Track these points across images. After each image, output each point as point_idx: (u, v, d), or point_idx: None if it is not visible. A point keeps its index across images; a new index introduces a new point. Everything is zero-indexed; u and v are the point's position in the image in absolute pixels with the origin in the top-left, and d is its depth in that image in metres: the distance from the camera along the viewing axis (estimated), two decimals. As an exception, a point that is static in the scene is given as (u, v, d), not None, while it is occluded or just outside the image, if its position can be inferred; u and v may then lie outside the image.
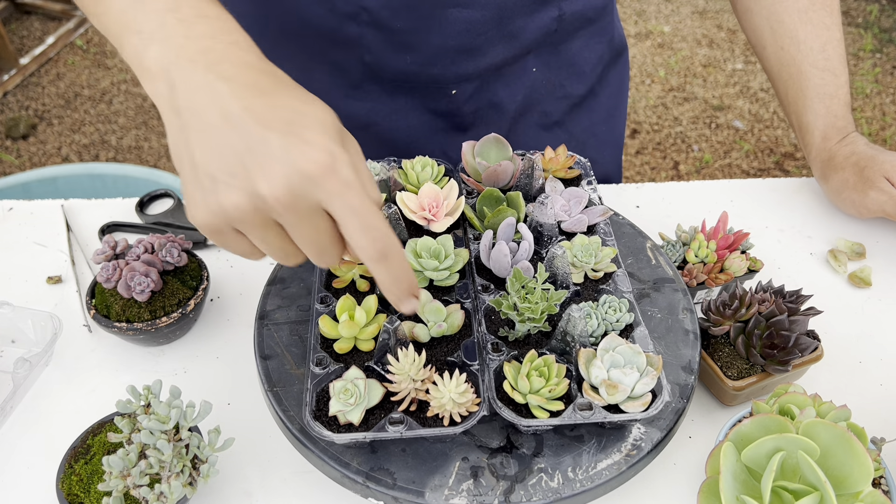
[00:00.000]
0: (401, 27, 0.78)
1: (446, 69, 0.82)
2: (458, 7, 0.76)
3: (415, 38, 0.79)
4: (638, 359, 0.55)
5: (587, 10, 0.86)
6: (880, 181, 0.80)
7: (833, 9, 0.86)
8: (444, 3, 0.76)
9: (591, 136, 0.99)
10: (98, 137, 2.59)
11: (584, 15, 0.86)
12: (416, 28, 0.78)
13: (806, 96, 0.86)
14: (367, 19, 0.77)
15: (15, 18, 3.14)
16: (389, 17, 0.77)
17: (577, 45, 0.89)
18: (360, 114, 0.87)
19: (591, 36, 0.90)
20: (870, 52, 3.02)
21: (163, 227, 0.84)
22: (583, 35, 0.89)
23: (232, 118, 0.42)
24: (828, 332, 0.72)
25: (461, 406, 0.52)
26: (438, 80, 0.83)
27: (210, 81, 0.42)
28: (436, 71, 0.82)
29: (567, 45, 0.88)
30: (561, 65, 0.90)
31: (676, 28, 3.19)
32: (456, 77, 0.84)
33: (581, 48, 0.90)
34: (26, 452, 0.62)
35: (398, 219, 0.66)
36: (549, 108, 0.93)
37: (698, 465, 0.62)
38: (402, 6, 0.76)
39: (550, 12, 0.83)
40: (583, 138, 0.98)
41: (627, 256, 0.72)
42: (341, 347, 0.58)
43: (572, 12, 0.85)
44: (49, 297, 0.76)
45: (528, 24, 0.82)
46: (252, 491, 0.60)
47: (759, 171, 2.49)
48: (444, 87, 0.85)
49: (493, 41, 0.81)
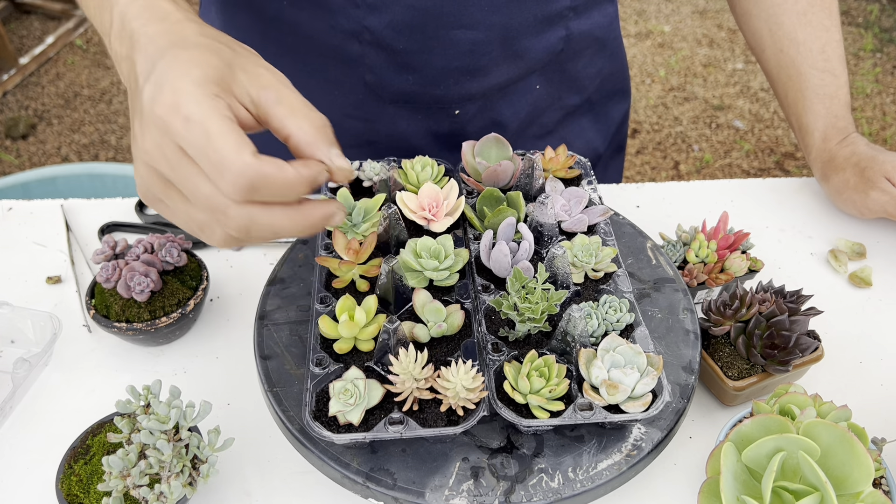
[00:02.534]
0: (403, 48, 0.76)
1: (449, 90, 0.81)
2: (463, 28, 0.75)
3: (417, 59, 0.78)
4: (638, 359, 0.55)
5: (595, 29, 0.85)
6: (881, 181, 0.80)
7: (832, 10, 0.86)
8: (449, 25, 0.74)
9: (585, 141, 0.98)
10: (98, 137, 2.59)
11: (592, 34, 0.85)
12: (420, 49, 0.77)
13: (806, 97, 0.86)
14: (369, 39, 0.76)
15: (15, 18, 3.14)
16: (392, 38, 0.76)
17: (581, 63, 0.88)
18: (360, 131, 0.86)
19: (596, 53, 0.89)
20: (870, 51, 3.02)
21: (162, 227, 0.84)
22: (588, 53, 0.88)
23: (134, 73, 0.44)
24: (828, 332, 0.72)
25: (472, 393, 0.52)
26: (441, 101, 0.82)
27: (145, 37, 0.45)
28: (439, 92, 0.81)
29: (572, 63, 0.87)
30: (563, 80, 0.89)
31: (677, 28, 3.19)
32: (459, 98, 0.82)
33: (585, 65, 0.89)
34: (26, 453, 0.62)
35: (398, 219, 0.66)
36: (547, 120, 0.93)
37: (699, 466, 0.62)
38: (405, 27, 0.74)
39: (557, 32, 0.81)
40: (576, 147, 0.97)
41: (628, 256, 0.72)
42: (341, 347, 0.58)
43: (580, 31, 0.83)
44: (49, 297, 0.76)
45: (535, 44, 0.81)
46: (252, 491, 0.59)
47: (760, 171, 2.49)
48: (447, 108, 0.84)
49: (498, 62, 0.80)
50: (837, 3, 0.87)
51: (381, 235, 0.66)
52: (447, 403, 0.53)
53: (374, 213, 0.67)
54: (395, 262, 0.60)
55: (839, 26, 0.86)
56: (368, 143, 0.87)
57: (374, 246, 0.64)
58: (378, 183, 0.72)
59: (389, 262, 0.59)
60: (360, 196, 0.72)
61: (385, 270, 0.59)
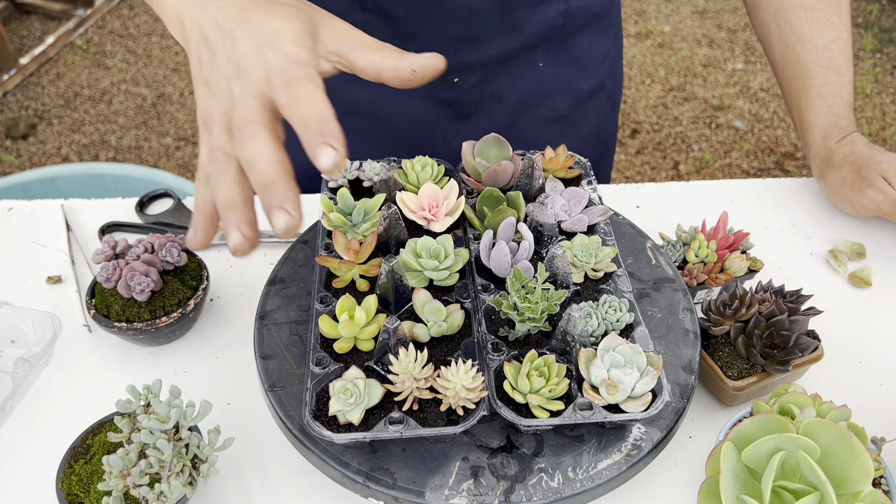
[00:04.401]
0: (404, 16, 0.79)
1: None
2: None
3: (417, 27, 0.80)
4: (638, 358, 0.55)
5: (593, 4, 0.86)
6: (877, 180, 0.80)
7: (841, 8, 0.85)
8: None
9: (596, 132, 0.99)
10: (98, 137, 2.59)
11: (591, 9, 0.86)
12: (418, 16, 0.79)
13: (808, 95, 0.86)
14: (371, 6, 0.79)
15: (15, 18, 3.14)
16: (393, 5, 0.78)
17: (585, 42, 0.89)
18: (361, 99, 0.88)
19: (599, 31, 0.90)
20: (870, 52, 3.02)
21: (163, 226, 0.84)
22: (590, 31, 0.89)
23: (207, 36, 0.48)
24: (828, 332, 0.72)
25: (472, 392, 0.52)
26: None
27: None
28: None
29: (575, 40, 0.88)
30: (569, 60, 0.90)
31: (676, 28, 3.19)
32: (458, 65, 0.84)
33: (589, 44, 0.90)
34: (26, 452, 0.62)
35: (398, 219, 0.66)
36: (557, 103, 0.93)
37: (698, 465, 0.62)
38: None
39: (556, 6, 0.83)
40: (587, 134, 0.98)
41: (627, 256, 0.72)
42: (341, 347, 0.58)
43: (579, 6, 0.85)
44: (49, 297, 0.76)
45: (532, 16, 0.82)
46: (252, 491, 0.60)
47: (759, 171, 2.49)
48: (447, 75, 0.85)
49: (495, 31, 0.82)
50: (848, 1, 0.86)
51: (381, 235, 0.66)
52: (447, 403, 0.53)
53: (374, 213, 0.67)
54: (395, 261, 0.60)
55: (848, 24, 0.85)
56: (370, 110, 0.89)
57: (374, 246, 0.64)
58: (378, 183, 0.72)
59: (389, 261, 0.59)
60: (361, 196, 0.72)
61: (385, 270, 0.59)
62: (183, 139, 2.59)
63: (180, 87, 2.83)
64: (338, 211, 0.66)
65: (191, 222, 0.48)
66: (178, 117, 2.69)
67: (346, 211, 0.67)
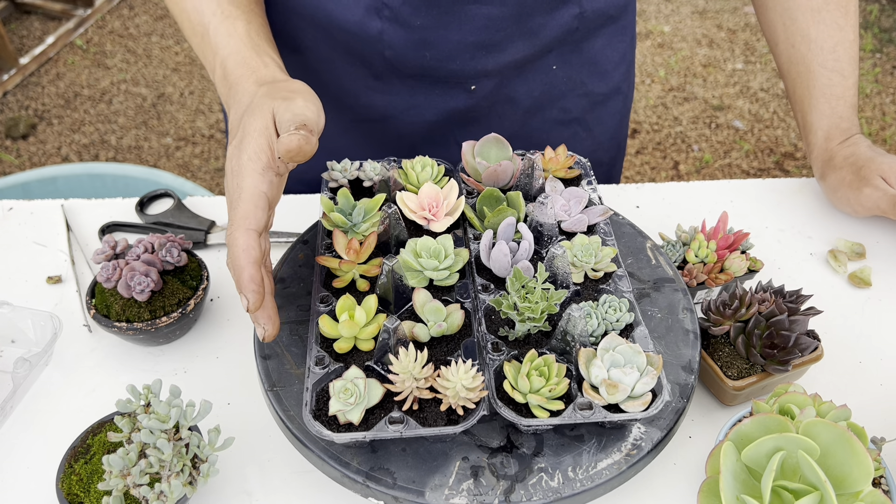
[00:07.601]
0: (420, 24, 0.78)
1: (465, 65, 0.83)
2: (478, 3, 0.77)
3: (434, 35, 0.79)
4: (638, 358, 0.55)
5: (609, 7, 0.86)
6: (875, 179, 0.80)
7: (848, 9, 0.85)
8: (464, 0, 0.76)
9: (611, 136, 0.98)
10: (98, 137, 2.59)
11: (606, 13, 0.86)
12: (436, 24, 0.78)
13: (812, 95, 0.86)
14: (388, 15, 0.78)
15: (15, 18, 3.14)
16: (409, 14, 0.77)
17: (599, 44, 0.89)
18: (378, 105, 0.88)
19: (614, 34, 0.90)
20: (870, 52, 3.02)
21: (163, 226, 0.84)
22: (605, 34, 0.89)
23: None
24: (828, 332, 0.72)
25: (472, 392, 0.52)
26: (458, 76, 0.84)
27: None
28: (455, 66, 0.83)
29: (589, 43, 0.88)
30: (582, 62, 0.89)
31: (676, 28, 3.19)
32: (475, 73, 0.84)
33: (603, 46, 0.90)
34: (26, 452, 0.62)
35: (398, 219, 0.66)
36: (569, 105, 0.93)
37: (698, 465, 0.62)
38: (421, 2, 0.76)
39: (571, 10, 0.83)
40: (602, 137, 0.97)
41: (627, 256, 0.72)
42: (341, 347, 0.58)
43: (594, 10, 0.84)
44: (49, 297, 0.76)
45: (549, 21, 0.82)
46: (252, 491, 0.60)
47: (759, 171, 2.49)
48: (464, 83, 0.85)
49: (513, 38, 0.81)
50: (856, 3, 0.86)
51: (381, 235, 0.66)
52: (447, 403, 0.53)
53: (374, 213, 0.67)
54: (395, 261, 0.60)
55: (855, 27, 0.85)
56: (386, 117, 0.89)
57: (374, 246, 0.64)
58: (378, 183, 0.72)
59: (389, 261, 0.59)
60: (361, 196, 0.72)
61: (385, 270, 0.59)
62: (183, 139, 2.59)
63: (180, 87, 2.83)
64: (338, 211, 0.66)
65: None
66: (178, 117, 2.69)
67: (346, 211, 0.67)
